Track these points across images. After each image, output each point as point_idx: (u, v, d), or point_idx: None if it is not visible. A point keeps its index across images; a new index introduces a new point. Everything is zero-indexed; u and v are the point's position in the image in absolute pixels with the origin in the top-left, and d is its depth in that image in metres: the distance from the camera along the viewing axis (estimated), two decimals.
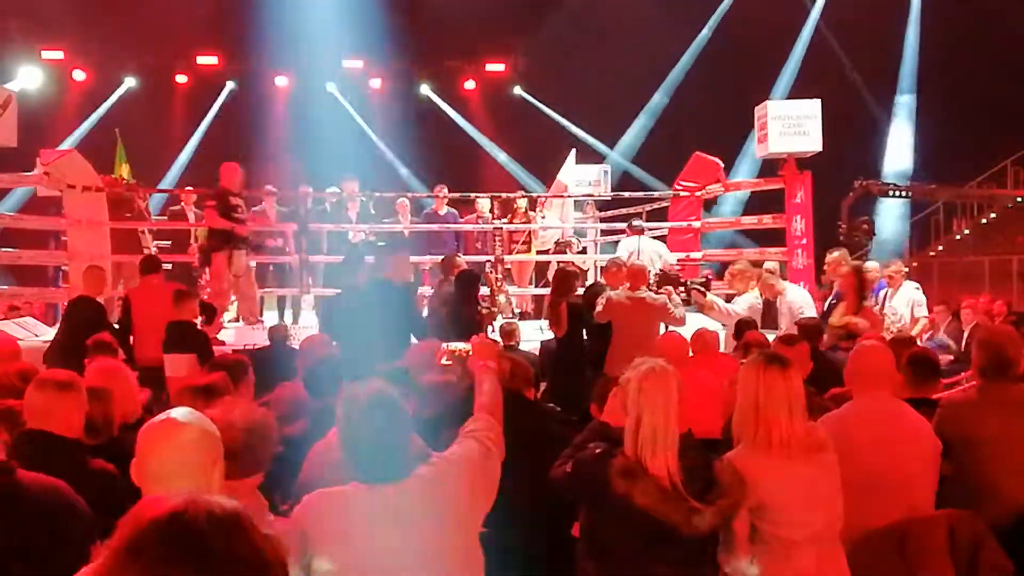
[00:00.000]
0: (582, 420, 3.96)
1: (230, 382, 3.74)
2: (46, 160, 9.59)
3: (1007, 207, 17.20)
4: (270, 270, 10.15)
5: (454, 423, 2.75)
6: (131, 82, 17.34)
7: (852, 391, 3.50)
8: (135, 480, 2.04)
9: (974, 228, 18.05)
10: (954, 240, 18.08)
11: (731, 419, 3.06)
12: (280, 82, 17.41)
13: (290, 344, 7.16)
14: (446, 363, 3.14)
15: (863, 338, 5.28)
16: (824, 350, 5.72)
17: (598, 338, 7.11)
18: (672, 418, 2.77)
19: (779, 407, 2.86)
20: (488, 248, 10.33)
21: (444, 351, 3.11)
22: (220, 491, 1.92)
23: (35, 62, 16.27)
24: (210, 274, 8.67)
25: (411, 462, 2.37)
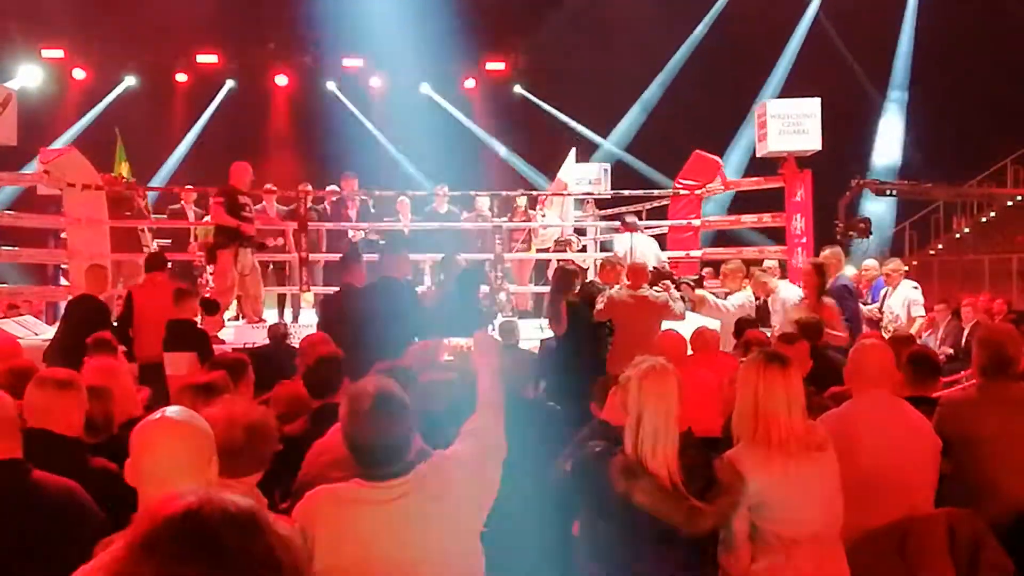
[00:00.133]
0: (582, 419, 3.95)
1: (230, 381, 3.74)
2: (46, 159, 9.59)
3: (1007, 205, 17.20)
4: (270, 269, 10.15)
5: (455, 421, 2.74)
6: (131, 81, 17.32)
7: (852, 390, 3.50)
8: (130, 480, 2.04)
9: (974, 227, 18.05)
10: (954, 239, 18.06)
11: (731, 417, 3.06)
12: (280, 81, 17.40)
13: (290, 343, 7.18)
14: (448, 359, 3.12)
15: (862, 337, 5.29)
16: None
17: (598, 336, 7.12)
18: (672, 417, 2.76)
19: (779, 405, 2.86)
20: (488, 246, 10.33)
21: (446, 347, 3.08)
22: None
23: (35, 61, 16.26)
24: (215, 271, 8.65)
25: (413, 460, 2.37)
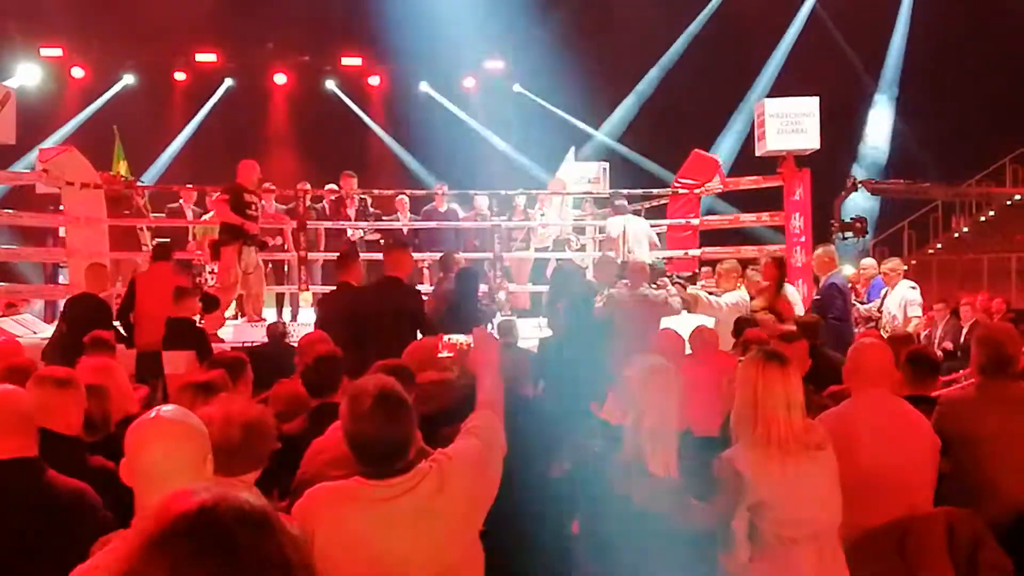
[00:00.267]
0: (581, 418, 3.95)
1: (229, 379, 3.74)
2: (45, 157, 9.58)
3: (1006, 205, 17.20)
4: (268, 268, 10.15)
5: (454, 420, 2.74)
6: (129, 79, 17.29)
7: (851, 389, 3.50)
8: (125, 480, 2.04)
9: (973, 226, 18.05)
10: (953, 238, 18.06)
11: (730, 417, 3.06)
12: (279, 79, 17.39)
13: (288, 342, 7.17)
14: (446, 356, 3.10)
15: (860, 335, 5.29)
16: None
17: (597, 335, 7.11)
18: (671, 416, 2.76)
19: (778, 404, 2.86)
20: (487, 245, 10.32)
21: (444, 344, 3.06)
22: None
23: (34, 59, 16.23)
24: (219, 267, 8.66)
25: (414, 458, 2.37)
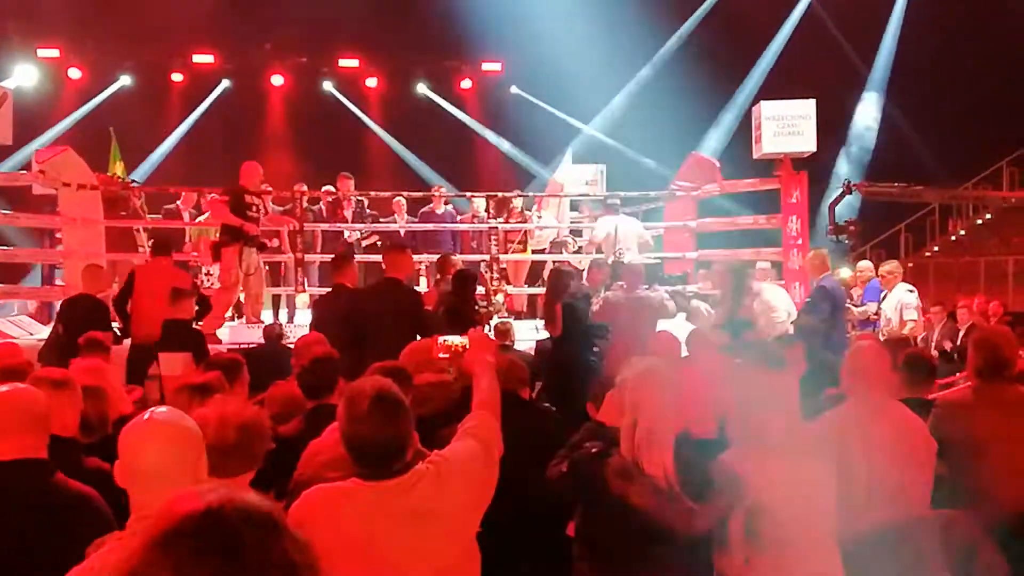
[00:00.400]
0: (578, 420, 3.95)
1: (225, 381, 3.73)
2: (41, 158, 9.56)
3: (1003, 207, 17.21)
4: (266, 269, 10.14)
5: (452, 421, 2.73)
6: (126, 80, 17.26)
7: (848, 391, 3.50)
8: (119, 482, 2.03)
9: (969, 229, 18.07)
10: (949, 241, 18.09)
11: (726, 419, 3.06)
12: (276, 81, 17.38)
13: (285, 343, 7.17)
14: (442, 356, 3.09)
15: (858, 338, 5.29)
16: None
17: (594, 338, 7.11)
18: (668, 418, 2.76)
19: (774, 407, 2.86)
20: (484, 247, 10.32)
21: (440, 345, 3.05)
22: None
23: (31, 60, 16.20)
24: (220, 267, 8.66)
25: (411, 460, 2.36)
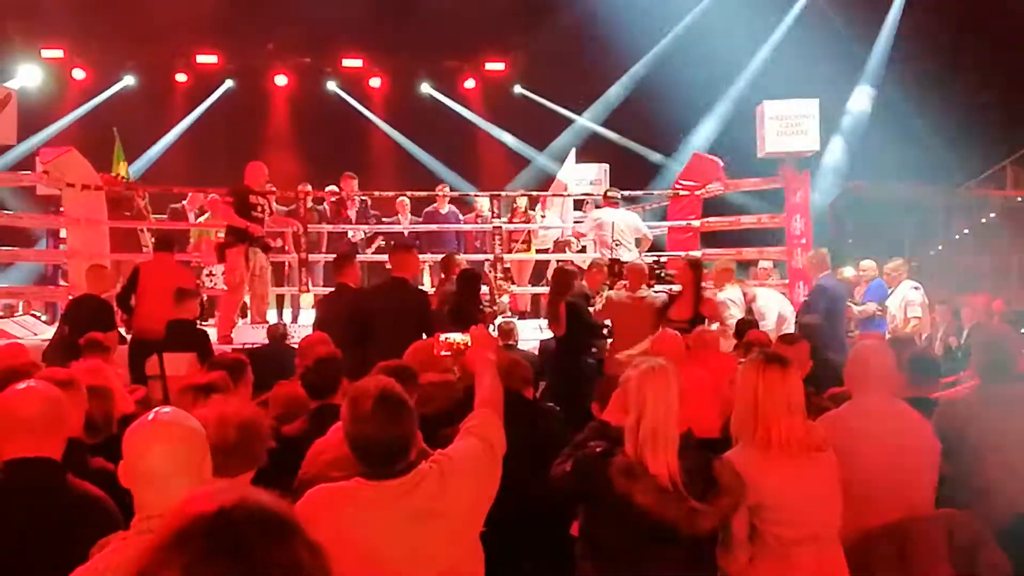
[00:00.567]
0: (581, 419, 3.95)
1: (230, 381, 3.74)
2: (45, 159, 9.58)
3: (1007, 206, 17.18)
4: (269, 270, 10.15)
5: (455, 421, 2.73)
6: (130, 80, 17.28)
7: (851, 391, 3.50)
8: (124, 482, 2.04)
9: (974, 228, 18.04)
10: (954, 239, 18.07)
11: (730, 418, 3.06)
12: (280, 81, 17.39)
13: (289, 343, 7.17)
14: (443, 354, 3.08)
15: (861, 337, 5.28)
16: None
17: (597, 337, 7.12)
18: (672, 417, 2.76)
19: (778, 406, 2.86)
20: (487, 247, 10.32)
21: (441, 343, 3.04)
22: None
23: (35, 60, 16.23)
24: (224, 268, 8.67)
25: (415, 459, 2.37)
